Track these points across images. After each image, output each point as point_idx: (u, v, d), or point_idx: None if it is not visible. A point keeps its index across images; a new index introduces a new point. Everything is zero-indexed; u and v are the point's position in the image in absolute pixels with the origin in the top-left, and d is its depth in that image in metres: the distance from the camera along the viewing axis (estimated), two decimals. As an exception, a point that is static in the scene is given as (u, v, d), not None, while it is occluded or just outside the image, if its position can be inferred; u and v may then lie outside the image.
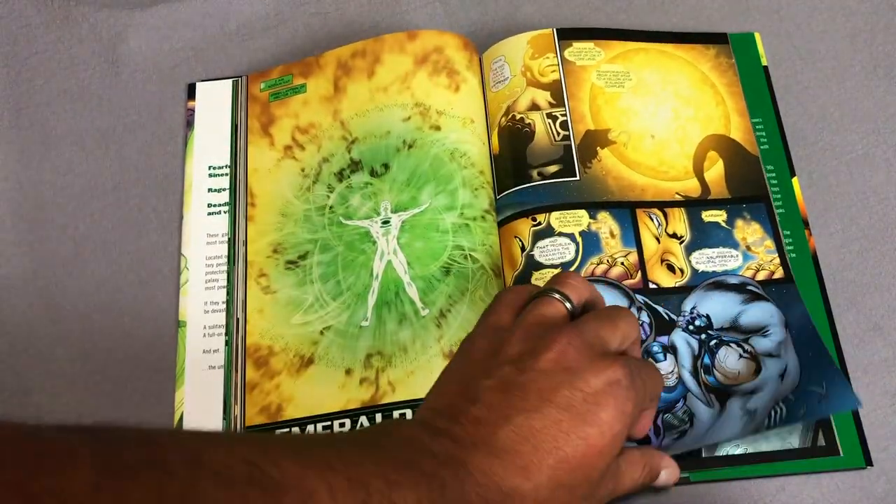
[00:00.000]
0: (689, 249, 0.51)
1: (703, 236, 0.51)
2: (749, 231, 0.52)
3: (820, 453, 0.46)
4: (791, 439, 0.46)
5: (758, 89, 0.57)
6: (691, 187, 0.53)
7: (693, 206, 0.52)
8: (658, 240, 0.51)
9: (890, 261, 0.53)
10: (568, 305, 0.40)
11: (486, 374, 0.37)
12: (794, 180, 0.55)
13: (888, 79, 0.58)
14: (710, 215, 0.52)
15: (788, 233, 0.53)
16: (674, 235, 0.51)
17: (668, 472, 0.42)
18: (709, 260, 0.51)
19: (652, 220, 0.52)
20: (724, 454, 0.46)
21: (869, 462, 0.47)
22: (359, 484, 0.30)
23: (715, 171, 0.54)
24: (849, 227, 0.54)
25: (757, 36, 0.59)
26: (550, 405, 0.35)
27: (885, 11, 0.60)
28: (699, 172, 0.54)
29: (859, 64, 0.59)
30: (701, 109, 0.56)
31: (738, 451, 0.46)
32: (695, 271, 0.50)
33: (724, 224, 0.52)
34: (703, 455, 0.46)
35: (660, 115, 0.55)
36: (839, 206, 0.54)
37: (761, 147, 0.55)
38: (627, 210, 0.52)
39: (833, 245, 0.53)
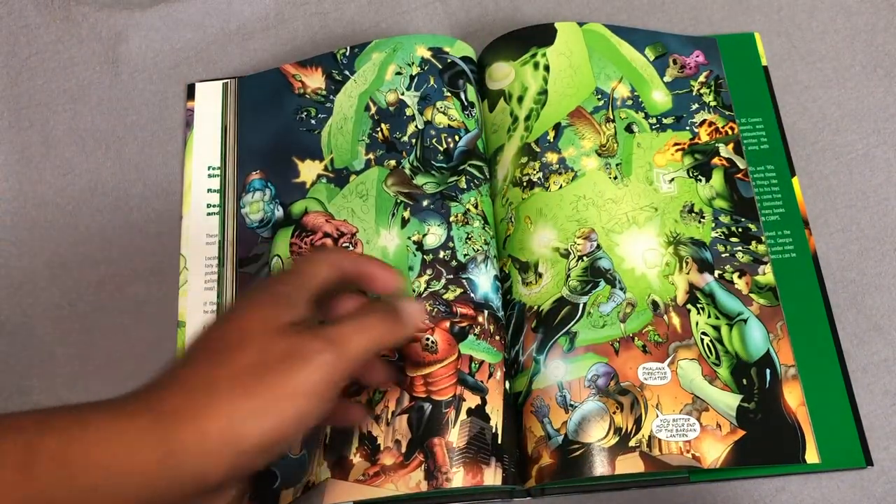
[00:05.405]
0: None
1: None
2: None
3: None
4: None
5: (758, 89, 0.57)
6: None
7: None
8: None
9: (890, 261, 0.53)
10: None
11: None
12: (794, 180, 0.54)
13: (888, 79, 0.58)
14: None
15: (788, 233, 0.53)
16: None
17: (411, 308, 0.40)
18: None
19: None
20: None
21: (869, 462, 0.47)
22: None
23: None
24: (849, 227, 0.54)
25: (757, 36, 0.59)
26: None
27: (885, 11, 0.60)
28: None
29: (859, 64, 0.59)
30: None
31: None
32: None
33: None
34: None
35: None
36: (839, 206, 0.54)
37: (761, 147, 0.55)
38: None
39: (833, 245, 0.53)
